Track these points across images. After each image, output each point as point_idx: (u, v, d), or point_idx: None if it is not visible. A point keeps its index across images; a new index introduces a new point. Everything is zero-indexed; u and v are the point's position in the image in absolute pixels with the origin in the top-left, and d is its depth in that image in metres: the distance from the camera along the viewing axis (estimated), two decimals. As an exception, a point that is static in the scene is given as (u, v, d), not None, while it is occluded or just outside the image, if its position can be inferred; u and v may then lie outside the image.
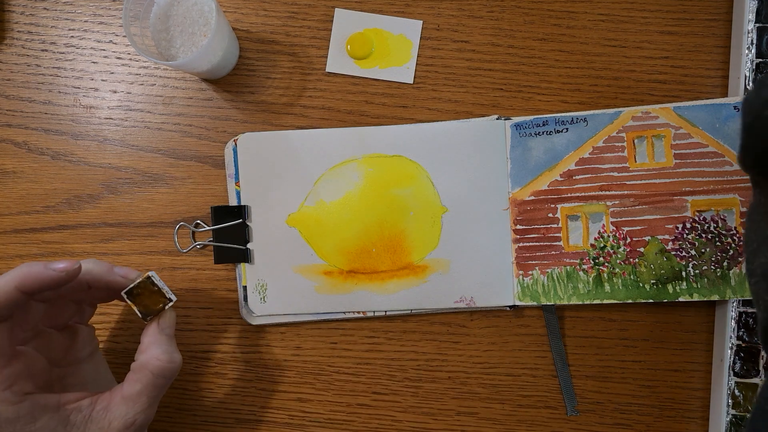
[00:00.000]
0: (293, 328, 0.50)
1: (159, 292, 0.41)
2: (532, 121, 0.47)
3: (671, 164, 0.46)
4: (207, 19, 0.44)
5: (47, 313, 0.41)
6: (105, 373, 0.45)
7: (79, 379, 0.43)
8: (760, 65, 0.46)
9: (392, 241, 0.48)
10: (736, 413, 0.46)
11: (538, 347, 0.49)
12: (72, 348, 0.43)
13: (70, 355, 0.43)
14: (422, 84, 0.50)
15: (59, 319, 0.43)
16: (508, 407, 0.49)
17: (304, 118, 0.50)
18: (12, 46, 0.51)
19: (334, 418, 0.50)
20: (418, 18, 0.49)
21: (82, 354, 0.44)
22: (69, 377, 0.42)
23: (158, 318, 0.42)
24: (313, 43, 0.50)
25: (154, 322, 0.42)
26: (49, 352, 0.41)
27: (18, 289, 0.36)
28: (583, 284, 0.47)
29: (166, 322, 0.42)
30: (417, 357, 0.50)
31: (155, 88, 0.50)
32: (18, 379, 0.37)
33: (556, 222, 0.47)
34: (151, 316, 0.41)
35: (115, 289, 0.41)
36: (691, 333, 0.49)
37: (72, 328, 0.44)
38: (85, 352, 0.44)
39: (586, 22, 0.49)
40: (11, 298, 0.36)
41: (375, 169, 0.48)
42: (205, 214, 0.50)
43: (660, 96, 0.49)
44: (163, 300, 0.41)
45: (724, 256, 0.46)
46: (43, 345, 0.41)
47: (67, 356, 0.43)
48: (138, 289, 0.41)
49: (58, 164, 0.50)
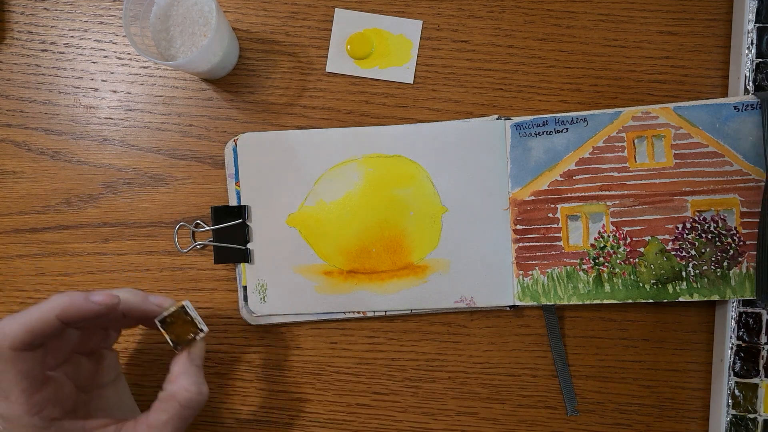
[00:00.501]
0: (293, 328, 0.50)
1: (191, 322, 0.41)
2: (532, 121, 0.47)
3: (671, 164, 0.46)
4: (207, 19, 0.44)
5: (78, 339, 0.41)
6: (127, 398, 0.45)
7: (103, 404, 0.43)
8: (760, 65, 0.46)
9: (392, 241, 0.48)
10: (736, 413, 0.46)
11: (538, 347, 0.49)
12: (98, 373, 0.43)
13: (96, 380, 0.43)
14: (422, 84, 0.50)
15: (88, 344, 0.42)
16: (508, 407, 0.49)
17: (304, 118, 0.50)
18: (12, 46, 0.51)
19: (334, 418, 0.50)
20: (418, 18, 0.49)
21: (107, 379, 0.43)
22: (93, 402, 0.42)
23: (189, 348, 0.41)
24: (313, 43, 0.50)
25: (185, 352, 0.41)
26: (76, 378, 0.41)
27: (58, 318, 0.36)
28: (583, 284, 0.47)
29: (197, 353, 0.41)
30: (417, 357, 0.50)
31: (155, 88, 0.50)
32: (47, 405, 0.37)
33: (556, 222, 0.47)
34: (181, 345, 0.41)
35: (148, 318, 0.41)
36: (691, 333, 0.49)
37: (98, 353, 0.43)
38: (110, 377, 0.44)
39: (586, 22, 0.49)
40: (50, 327, 0.36)
41: (375, 169, 0.48)
42: (205, 214, 0.50)
43: (660, 96, 0.49)
44: (195, 330, 0.41)
45: (724, 256, 0.46)
46: (72, 370, 0.41)
47: (93, 381, 0.43)
48: (171, 317, 0.41)
49: (58, 164, 0.50)
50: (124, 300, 0.40)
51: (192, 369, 0.41)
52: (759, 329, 0.46)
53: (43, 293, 0.50)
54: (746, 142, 0.45)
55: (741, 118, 0.45)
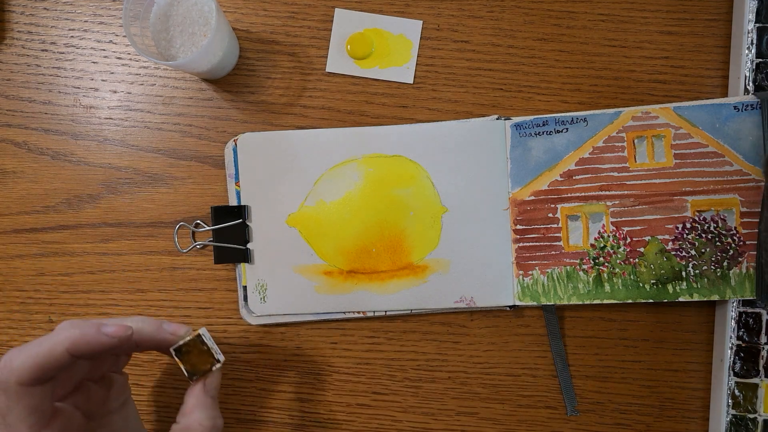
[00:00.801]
0: (293, 328, 0.50)
1: (208, 352, 0.40)
2: (532, 121, 0.47)
3: (671, 164, 0.46)
4: (207, 19, 0.44)
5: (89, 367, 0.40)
6: (135, 422, 0.44)
7: (110, 429, 0.41)
8: (760, 65, 0.46)
9: (392, 241, 0.48)
10: (736, 413, 0.46)
11: (538, 347, 0.49)
12: (107, 399, 0.41)
13: (105, 406, 0.41)
14: (422, 84, 0.50)
15: (98, 371, 0.41)
16: (508, 407, 0.49)
17: (304, 118, 0.50)
18: (12, 46, 0.51)
19: (334, 418, 0.50)
20: (418, 18, 0.49)
21: (116, 404, 0.42)
22: (100, 429, 0.41)
23: (204, 379, 0.40)
24: (313, 43, 0.50)
25: (200, 383, 0.40)
26: (85, 406, 0.39)
27: (68, 352, 0.35)
28: (583, 284, 0.47)
29: (212, 384, 0.40)
30: (417, 357, 0.50)
31: (155, 88, 0.50)
32: None
33: (556, 222, 0.47)
34: (197, 376, 0.40)
35: (162, 347, 0.40)
36: (691, 333, 0.49)
37: (108, 378, 0.42)
38: (119, 401, 0.42)
39: (586, 22, 0.49)
40: (60, 361, 0.35)
41: (375, 169, 0.48)
42: (205, 214, 0.50)
43: (660, 96, 0.49)
44: (211, 360, 0.40)
45: (724, 256, 0.46)
46: (81, 399, 0.39)
47: (102, 408, 0.41)
48: (186, 347, 0.40)
49: (58, 164, 0.50)
50: (137, 329, 0.39)
51: (207, 401, 0.40)
52: (759, 329, 0.46)
53: (43, 293, 0.50)
54: (746, 142, 0.45)
55: (741, 118, 0.45)
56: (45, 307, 0.51)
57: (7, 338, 0.51)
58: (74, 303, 0.50)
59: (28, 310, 0.51)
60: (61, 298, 0.50)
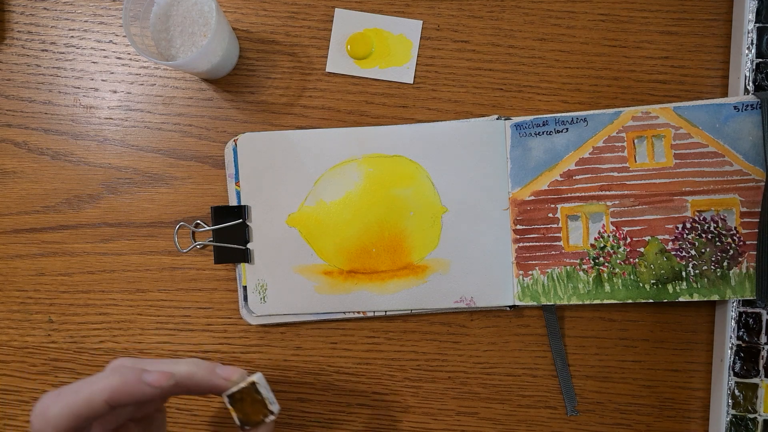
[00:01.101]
0: (293, 328, 0.50)
1: (262, 401, 0.38)
2: (532, 121, 0.47)
3: (671, 164, 0.46)
4: (207, 19, 0.44)
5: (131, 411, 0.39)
6: None
7: None
8: (760, 65, 0.46)
9: (392, 241, 0.48)
10: (736, 413, 0.46)
11: (538, 347, 0.49)
12: None
13: None
14: (422, 84, 0.50)
15: (141, 412, 0.40)
16: (508, 407, 0.49)
17: (304, 118, 0.50)
18: (12, 46, 0.51)
19: (334, 418, 0.50)
20: (418, 18, 0.49)
21: None
22: None
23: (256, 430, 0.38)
24: (313, 43, 0.50)
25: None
26: None
27: (107, 402, 0.34)
28: (583, 284, 0.47)
29: None
30: (417, 357, 0.50)
31: (155, 88, 0.50)
32: None
33: (556, 222, 0.47)
34: (249, 426, 0.38)
35: (213, 392, 0.38)
36: (691, 333, 0.49)
37: (149, 417, 0.40)
38: None
39: (586, 22, 0.49)
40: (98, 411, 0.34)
41: (375, 169, 0.48)
42: (205, 214, 0.50)
43: (660, 96, 0.49)
44: (265, 411, 0.38)
45: (724, 256, 0.46)
46: None
47: None
48: (240, 393, 0.38)
49: (58, 164, 0.50)
50: (188, 374, 0.37)
51: None
52: (759, 329, 0.46)
53: (42, 293, 0.50)
54: (746, 142, 0.45)
55: (741, 118, 0.45)
56: (45, 307, 0.51)
57: (7, 338, 0.51)
58: (74, 303, 0.50)
59: (28, 310, 0.51)
60: (61, 298, 0.50)
